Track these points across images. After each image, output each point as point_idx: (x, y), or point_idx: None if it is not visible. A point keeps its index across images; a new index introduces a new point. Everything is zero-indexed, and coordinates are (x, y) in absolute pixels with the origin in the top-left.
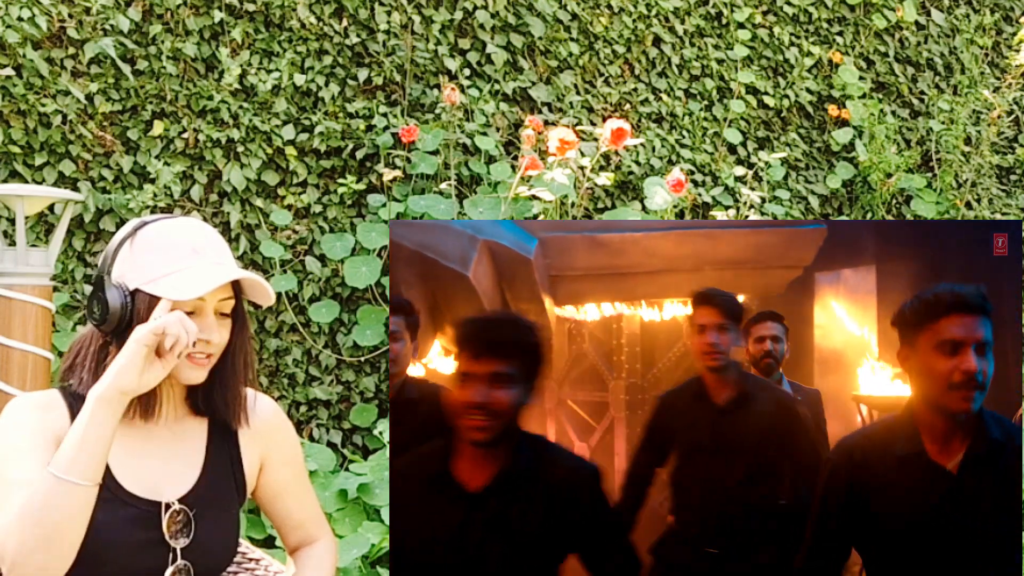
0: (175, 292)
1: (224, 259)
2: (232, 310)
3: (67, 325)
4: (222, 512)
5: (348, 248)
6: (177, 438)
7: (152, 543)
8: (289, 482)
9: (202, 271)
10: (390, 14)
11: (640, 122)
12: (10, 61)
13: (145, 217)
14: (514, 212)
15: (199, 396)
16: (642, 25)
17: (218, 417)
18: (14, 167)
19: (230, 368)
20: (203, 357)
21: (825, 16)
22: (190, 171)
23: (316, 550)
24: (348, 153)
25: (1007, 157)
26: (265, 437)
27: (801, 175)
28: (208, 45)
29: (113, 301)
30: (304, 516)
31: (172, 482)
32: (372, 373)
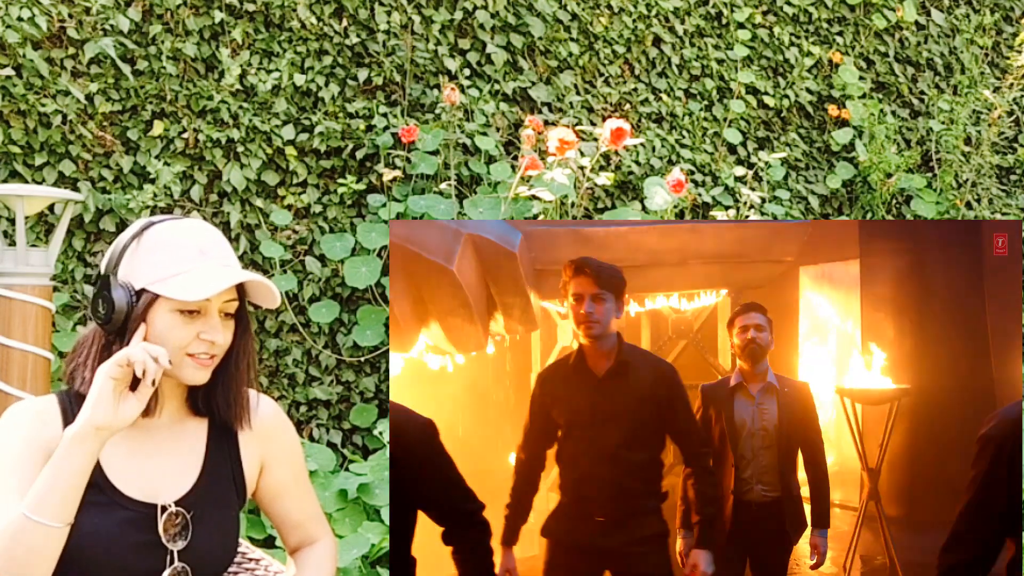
0: (182, 292)
1: (231, 261)
2: (236, 311)
3: (67, 325)
4: (221, 514)
5: (348, 248)
6: (176, 438)
7: (149, 545)
8: (289, 483)
9: (209, 272)
10: (390, 14)
11: (640, 122)
12: (10, 61)
13: (152, 217)
14: (514, 212)
15: (200, 396)
16: (642, 25)
17: (219, 418)
18: (14, 167)
19: (233, 369)
20: (207, 358)
21: (825, 16)
22: (190, 171)
23: (316, 550)
24: (348, 153)
25: (1007, 157)
26: (266, 439)
27: (801, 175)
28: (208, 45)
29: (119, 300)
30: (304, 517)
31: (169, 484)
32: (372, 373)
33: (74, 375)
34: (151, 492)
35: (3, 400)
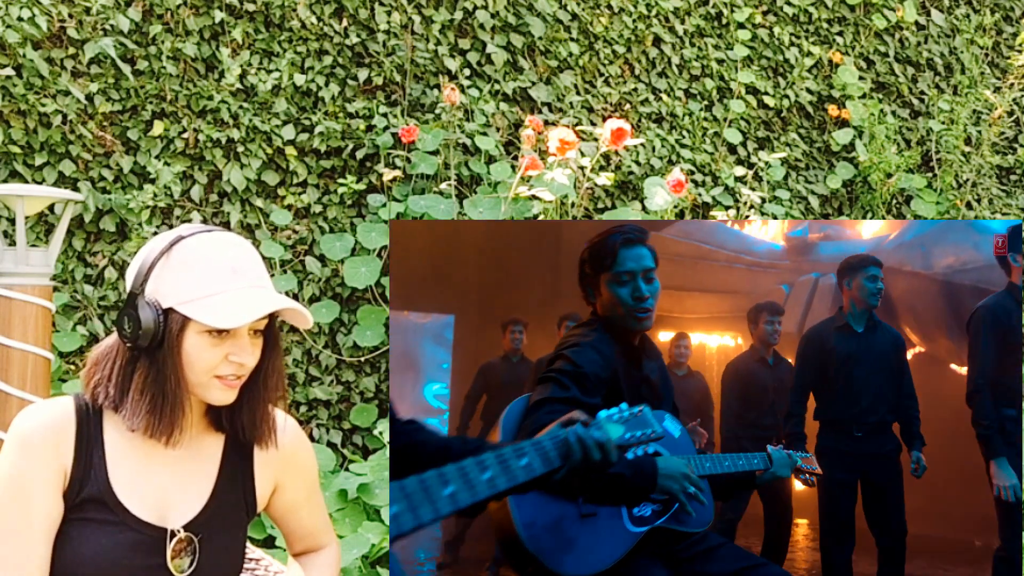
0: (213, 319)
1: (263, 280)
2: (265, 328)
3: (67, 325)
4: (229, 535)
5: (348, 248)
6: (191, 456)
7: (155, 569)
8: (302, 501)
9: (241, 295)
10: (390, 14)
11: (640, 122)
12: (10, 61)
13: (181, 230)
14: (514, 212)
15: (224, 414)
16: (642, 25)
17: (242, 437)
18: (14, 167)
19: (260, 388)
20: (234, 379)
21: (825, 16)
22: (190, 171)
23: (322, 556)
24: (348, 153)
25: (1007, 157)
26: (285, 460)
27: (801, 175)
28: (208, 45)
29: (146, 319)
30: (313, 528)
31: (180, 505)
32: (372, 373)
33: (97, 391)
34: (160, 514)
35: (3, 400)
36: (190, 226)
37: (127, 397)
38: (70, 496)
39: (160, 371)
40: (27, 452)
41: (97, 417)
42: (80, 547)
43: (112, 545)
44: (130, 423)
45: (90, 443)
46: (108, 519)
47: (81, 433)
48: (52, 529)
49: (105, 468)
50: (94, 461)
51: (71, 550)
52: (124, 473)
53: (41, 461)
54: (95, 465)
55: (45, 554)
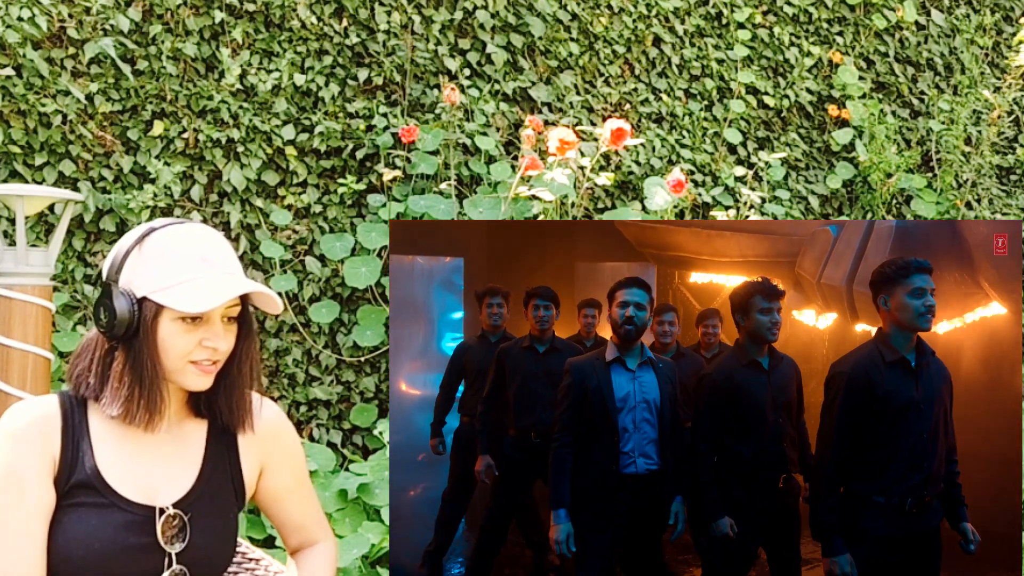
0: (184, 304)
1: (233, 268)
2: (239, 315)
3: (67, 325)
4: (219, 516)
5: (348, 248)
6: (175, 440)
7: (146, 548)
8: (290, 486)
9: (211, 282)
10: (390, 14)
11: (640, 122)
12: (10, 61)
13: (153, 222)
14: (514, 212)
15: (202, 400)
16: (642, 25)
17: (221, 422)
18: (14, 167)
19: (235, 373)
20: (209, 364)
21: (825, 16)
22: (190, 171)
23: (317, 551)
24: (348, 153)
25: (1007, 157)
26: (267, 442)
27: (801, 175)
28: (208, 45)
29: (120, 308)
30: (305, 519)
31: (168, 486)
32: (372, 373)
33: (79, 381)
34: (149, 494)
35: (3, 400)
36: (162, 220)
37: (107, 385)
38: (61, 484)
39: (137, 359)
40: (17, 445)
41: (82, 407)
42: (72, 530)
43: (103, 525)
44: (110, 410)
45: (76, 432)
46: (98, 501)
47: (67, 423)
48: (47, 517)
49: (92, 454)
50: (81, 448)
51: (64, 534)
52: (111, 458)
53: (31, 452)
54: (83, 452)
55: (41, 541)
